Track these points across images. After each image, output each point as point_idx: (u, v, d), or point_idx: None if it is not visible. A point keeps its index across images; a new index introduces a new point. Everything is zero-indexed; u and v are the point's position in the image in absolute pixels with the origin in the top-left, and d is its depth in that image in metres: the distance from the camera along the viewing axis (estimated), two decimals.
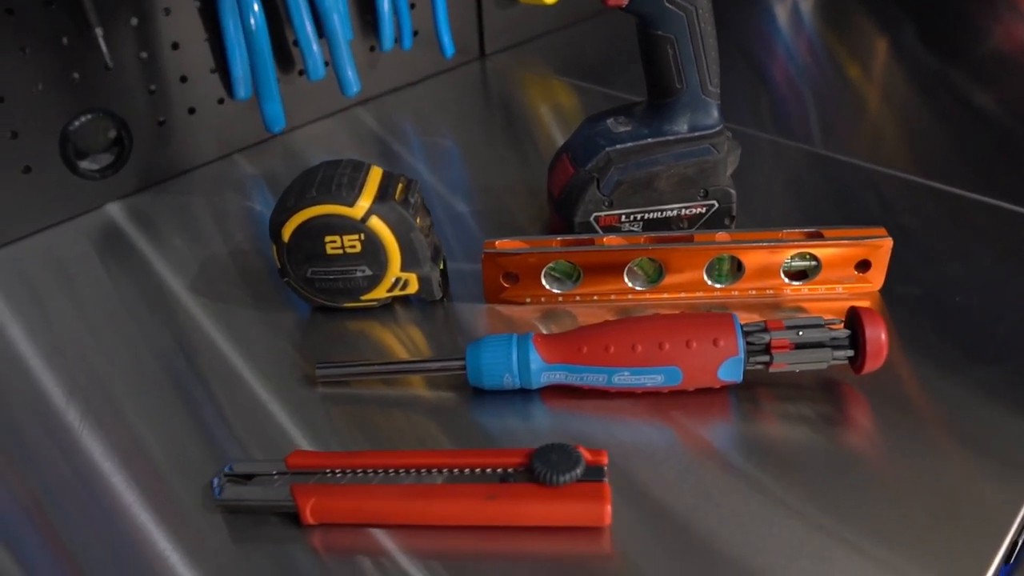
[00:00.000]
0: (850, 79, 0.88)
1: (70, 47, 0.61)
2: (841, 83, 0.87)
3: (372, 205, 0.48)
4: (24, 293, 0.57)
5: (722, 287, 0.53)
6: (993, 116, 0.80)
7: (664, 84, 0.53)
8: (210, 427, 0.46)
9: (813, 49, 0.97)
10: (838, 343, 0.45)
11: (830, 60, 0.93)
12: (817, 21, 1.03)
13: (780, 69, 0.91)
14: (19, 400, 0.48)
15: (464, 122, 0.80)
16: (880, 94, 0.85)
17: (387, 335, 0.52)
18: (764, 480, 0.42)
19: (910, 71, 0.90)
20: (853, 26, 1.01)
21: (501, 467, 0.40)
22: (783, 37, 0.98)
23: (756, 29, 0.99)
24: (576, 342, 0.45)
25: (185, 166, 0.71)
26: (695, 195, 0.55)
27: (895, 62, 0.94)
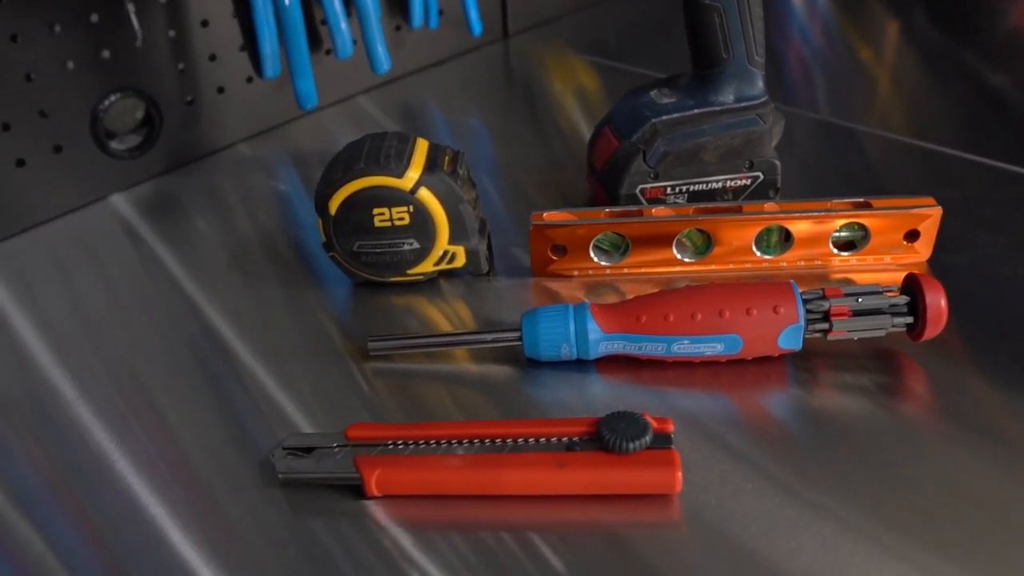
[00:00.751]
0: (862, 61, 0.88)
1: (100, 24, 0.60)
2: (853, 64, 0.86)
3: (421, 176, 0.47)
4: (55, 275, 0.57)
5: (770, 258, 0.52)
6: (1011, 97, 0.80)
7: (710, 54, 0.52)
8: (260, 403, 0.45)
9: (827, 31, 0.96)
10: (897, 310, 0.45)
11: (844, 42, 0.92)
12: (831, 4, 1.02)
13: (795, 51, 0.91)
14: (59, 381, 0.47)
15: (489, 102, 0.79)
16: (901, 71, 0.85)
17: (433, 310, 0.51)
18: (824, 450, 0.41)
19: (923, 50, 0.90)
20: (865, 9, 1.00)
21: (566, 436, 0.39)
22: (798, 20, 0.97)
23: (770, 10, 0.99)
24: (635, 311, 0.44)
25: (213, 146, 0.70)
26: (740, 166, 0.54)
27: (907, 44, 0.93)
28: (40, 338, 0.51)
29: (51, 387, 0.47)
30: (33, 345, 0.50)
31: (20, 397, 0.47)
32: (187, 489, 0.40)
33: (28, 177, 0.60)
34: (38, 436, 0.44)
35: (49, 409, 0.46)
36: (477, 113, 0.77)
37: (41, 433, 0.44)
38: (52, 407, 0.46)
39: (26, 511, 0.40)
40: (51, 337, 0.51)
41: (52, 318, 0.52)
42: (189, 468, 0.42)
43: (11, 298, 0.55)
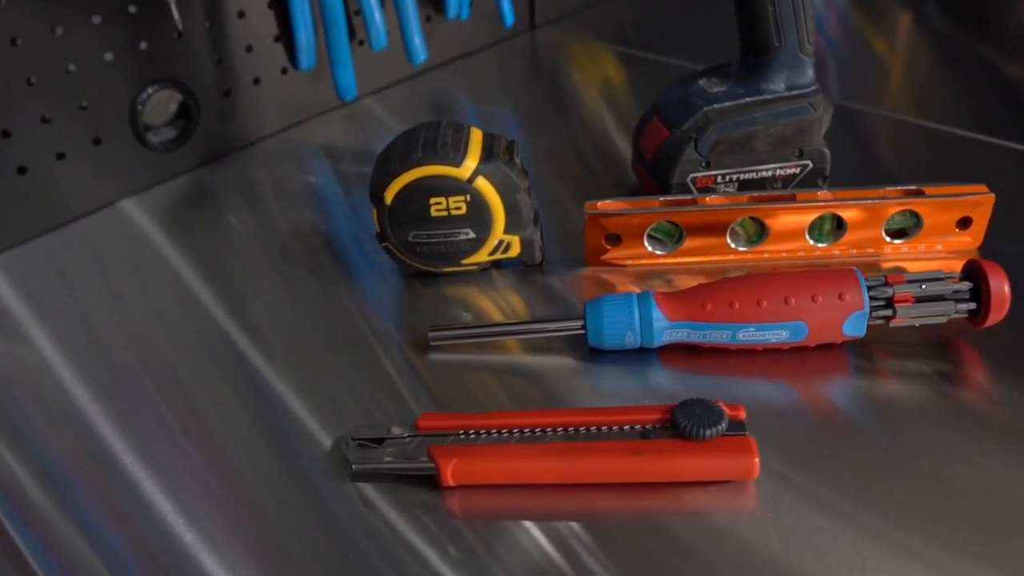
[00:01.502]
0: (881, 50, 0.88)
1: (138, 15, 0.60)
2: (874, 53, 0.86)
3: (479, 165, 0.47)
4: (95, 269, 0.56)
5: (823, 246, 0.52)
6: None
7: (761, 42, 0.52)
8: (316, 397, 0.45)
9: (844, 22, 0.96)
10: (960, 296, 0.45)
11: (859, 33, 0.92)
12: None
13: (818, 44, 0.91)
14: (99, 379, 0.47)
15: (519, 93, 0.79)
16: (933, 59, 0.84)
17: (485, 301, 0.51)
18: (889, 437, 0.41)
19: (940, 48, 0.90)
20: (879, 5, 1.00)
21: (640, 423, 0.39)
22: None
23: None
24: (699, 299, 0.44)
25: (249, 138, 0.70)
26: (790, 155, 0.54)
27: (923, 39, 0.93)
28: (81, 334, 0.51)
29: (92, 385, 0.46)
30: (74, 341, 0.50)
31: (59, 395, 0.46)
32: (254, 488, 0.40)
33: (68, 170, 0.60)
34: (79, 434, 0.43)
35: (84, 409, 0.45)
36: (507, 103, 0.77)
37: (78, 431, 0.44)
38: (88, 406, 0.45)
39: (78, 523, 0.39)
40: (92, 333, 0.51)
41: (93, 313, 0.52)
42: (251, 464, 0.41)
43: (52, 293, 0.54)
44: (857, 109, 0.71)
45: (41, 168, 0.59)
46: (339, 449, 0.41)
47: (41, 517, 0.39)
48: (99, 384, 0.47)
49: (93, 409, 0.45)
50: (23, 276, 0.56)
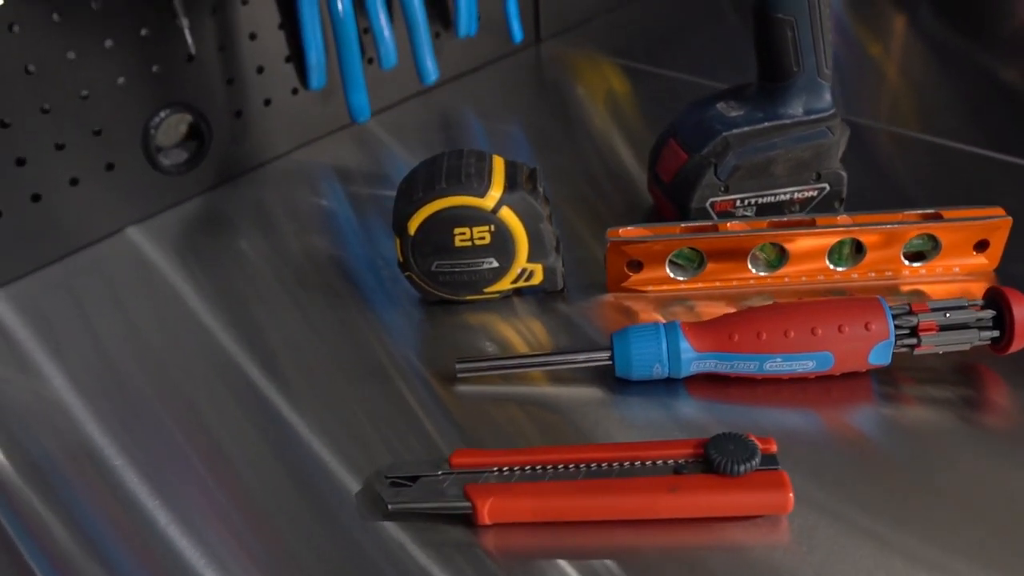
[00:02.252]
0: (873, 57, 0.88)
1: (150, 39, 0.60)
2: (869, 61, 0.87)
3: (503, 195, 0.47)
4: (109, 298, 0.56)
5: (842, 270, 0.52)
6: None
7: (780, 67, 0.52)
8: (345, 431, 0.45)
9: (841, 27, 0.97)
10: (983, 324, 0.45)
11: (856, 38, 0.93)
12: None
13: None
14: (116, 413, 0.47)
15: (527, 109, 0.79)
16: (933, 72, 0.85)
17: (508, 329, 0.51)
18: (917, 465, 0.42)
19: (935, 52, 0.90)
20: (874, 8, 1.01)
21: (673, 458, 0.39)
22: None
23: None
24: (726, 329, 0.44)
25: (261, 159, 0.69)
26: (808, 178, 0.54)
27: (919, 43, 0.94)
28: (97, 367, 0.50)
29: (110, 422, 0.46)
30: (90, 374, 0.50)
31: (77, 432, 0.46)
32: (280, 528, 0.40)
33: (82, 196, 0.60)
34: (101, 474, 0.43)
35: (103, 448, 0.45)
36: (515, 121, 0.77)
37: (99, 471, 0.43)
38: (108, 445, 0.45)
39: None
40: (108, 366, 0.50)
41: (108, 345, 0.52)
42: (278, 505, 0.41)
43: (66, 324, 0.54)
44: (859, 123, 0.72)
45: (55, 195, 0.58)
46: (371, 487, 0.41)
47: (64, 559, 0.39)
48: (118, 421, 0.46)
49: (113, 449, 0.45)
50: (37, 306, 0.56)
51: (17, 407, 0.48)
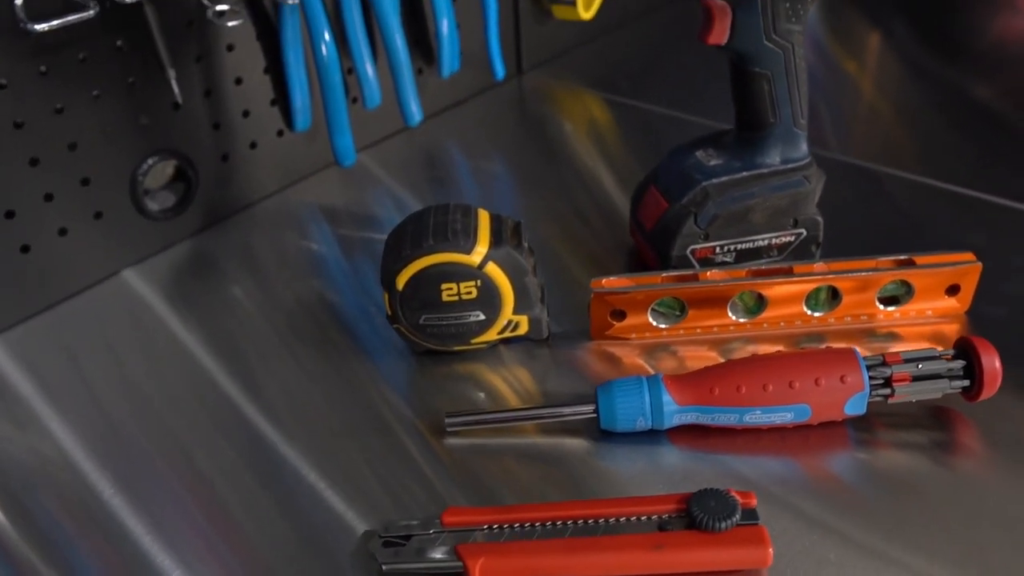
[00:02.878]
0: (849, 73, 0.90)
1: (138, 89, 0.60)
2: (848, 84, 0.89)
3: (488, 251, 0.48)
4: (103, 346, 0.57)
5: (819, 315, 0.54)
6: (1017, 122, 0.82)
7: (757, 118, 0.54)
8: (342, 483, 0.46)
9: (818, 46, 0.99)
10: (954, 373, 0.47)
11: (832, 56, 0.95)
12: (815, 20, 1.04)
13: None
14: (108, 466, 0.48)
15: (509, 144, 0.80)
16: (894, 98, 0.87)
17: (496, 378, 0.52)
18: (896, 510, 0.43)
19: (909, 69, 0.93)
20: (851, 23, 1.03)
21: (657, 514, 0.41)
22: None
23: None
24: (707, 383, 0.46)
25: (247, 200, 0.70)
26: (786, 224, 0.56)
27: (897, 61, 0.96)
28: (95, 420, 0.51)
29: (110, 476, 0.47)
30: (88, 427, 0.50)
31: (68, 479, 0.47)
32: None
33: (70, 245, 0.60)
34: (103, 529, 0.44)
35: (91, 502, 0.46)
36: (498, 157, 0.78)
37: (102, 525, 0.44)
38: (111, 499, 0.46)
39: None
40: (106, 418, 0.51)
41: (104, 396, 0.53)
42: (279, 557, 0.42)
43: (61, 374, 0.55)
44: (836, 158, 0.73)
45: (44, 245, 0.59)
46: (366, 546, 0.42)
47: None
48: (118, 475, 0.47)
49: (116, 502, 0.46)
50: (29, 355, 0.56)
51: (14, 461, 0.48)
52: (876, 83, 0.94)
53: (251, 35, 0.66)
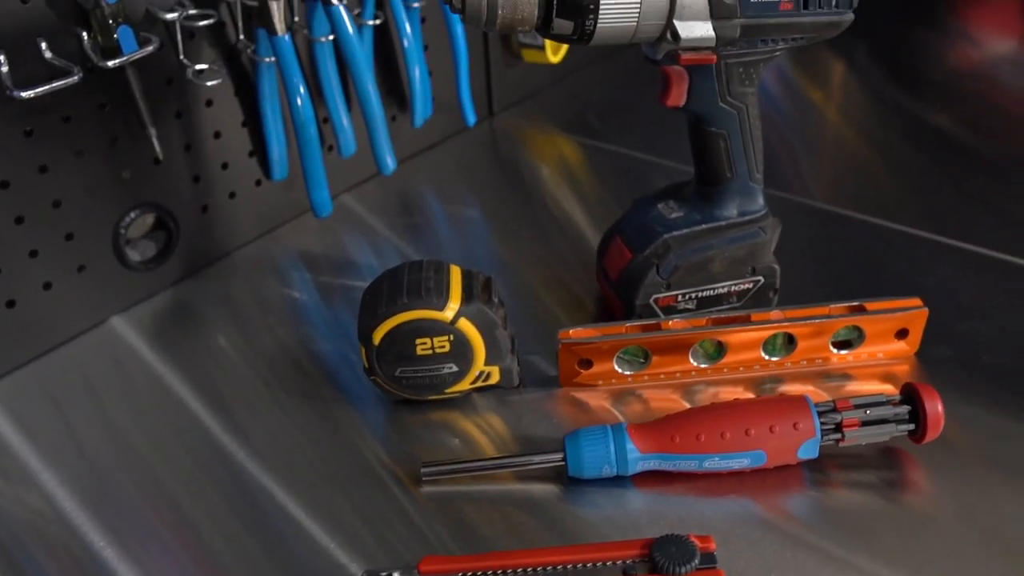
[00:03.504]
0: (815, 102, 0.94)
1: (120, 145, 0.62)
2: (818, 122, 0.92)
3: (460, 307, 0.51)
4: (89, 396, 0.58)
5: (776, 360, 0.57)
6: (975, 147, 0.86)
7: (715, 174, 0.57)
8: (323, 534, 0.48)
9: (787, 86, 1.03)
10: (900, 418, 0.49)
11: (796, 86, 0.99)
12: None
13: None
14: (96, 517, 0.49)
15: (483, 187, 0.83)
16: (857, 126, 0.91)
17: (469, 425, 0.55)
18: (849, 549, 0.46)
19: (872, 98, 0.97)
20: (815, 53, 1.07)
21: (621, 559, 0.43)
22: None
23: None
24: (668, 432, 0.48)
25: (226, 249, 0.72)
26: (744, 273, 0.59)
27: (856, 88, 1.00)
28: (83, 471, 0.53)
29: (101, 529, 0.49)
30: (77, 479, 0.52)
31: (55, 532, 0.49)
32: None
33: (54, 298, 0.62)
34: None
35: (81, 554, 0.47)
36: (472, 201, 0.80)
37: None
38: (84, 551, 0.47)
39: None
40: (94, 469, 0.53)
41: (92, 447, 0.54)
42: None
43: (48, 426, 0.56)
44: (793, 199, 0.77)
45: (29, 299, 0.61)
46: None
47: None
48: (107, 526, 0.49)
49: (107, 554, 0.47)
50: (16, 407, 0.58)
51: (3, 514, 0.50)
52: (840, 111, 0.98)
53: (229, 91, 0.68)
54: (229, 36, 0.66)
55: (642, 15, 0.48)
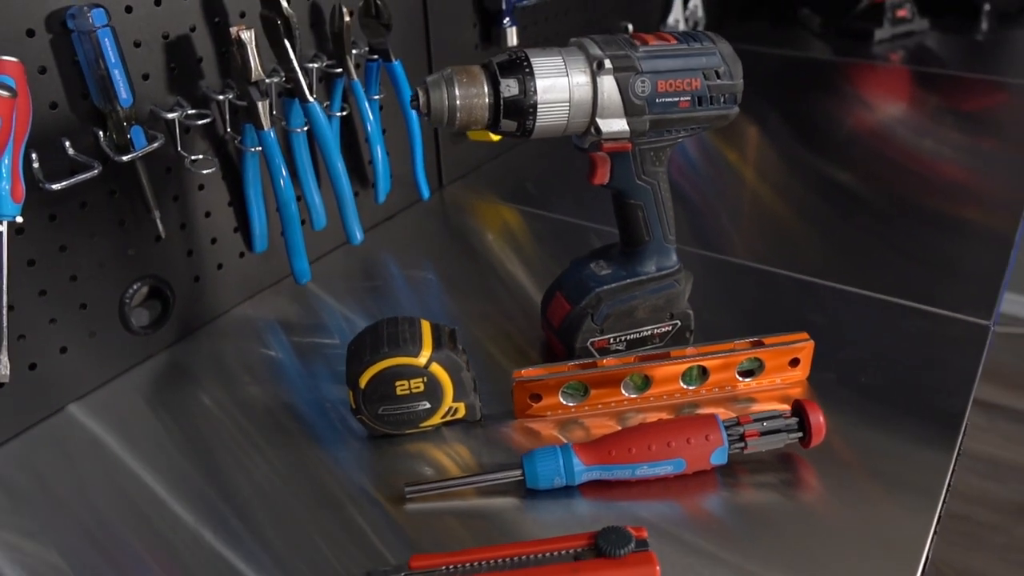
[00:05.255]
0: (732, 163, 1.09)
1: (127, 226, 0.72)
2: (728, 168, 1.07)
3: (432, 354, 0.62)
4: (92, 452, 0.66)
5: (692, 388, 0.69)
6: (871, 199, 1.01)
7: (635, 237, 0.69)
8: (322, 544, 0.58)
9: (706, 151, 1.17)
10: (791, 428, 0.62)
11: (715, 150, 1.14)
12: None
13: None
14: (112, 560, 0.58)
15: (436, 252, 0.94)
16: (763, 181, 1.05)
17: (440, 454, 0.65)
18: (753, 535, 0.57)
19: (783, 158, 1.12)
20: (736, 129, 1.22)
21: (573, 547, 0.54)
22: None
23: None
24: (606, 447, 0.59)
25: (214, 313, 0.82)
26: (664, 318, 0.71)
27: (768, 149, 1.15)
28: (88, 522, 0.61)
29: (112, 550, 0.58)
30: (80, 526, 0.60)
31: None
32: None
33: (68, 361, 0.71)
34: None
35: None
36: (428, 264, 0.91)
37: None
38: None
39: None
40: (98, 522, 0.61)
41: (96, 501, 0.62)
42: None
43: (57, 478, 0.64)
44: (699, 253, 0.90)
45: (47, 362, 0.69)
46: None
47: None
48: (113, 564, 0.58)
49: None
50: (33, 462, 0.66)
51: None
52: (755, 169, 1.12)
53: (218, 176, 0.78)
54: (217, 130, 0.77)
55: (571, 115, 0.61)
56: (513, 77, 0.59)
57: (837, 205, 1.01)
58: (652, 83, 0.62)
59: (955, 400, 0.69)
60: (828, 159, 1.14)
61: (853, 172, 1.10)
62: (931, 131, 1.24)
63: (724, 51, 0.64)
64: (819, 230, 0.97)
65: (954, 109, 1.30)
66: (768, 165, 1.12)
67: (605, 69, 0.60)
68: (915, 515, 0.59)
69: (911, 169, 1.11)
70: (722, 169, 1.12)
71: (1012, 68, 1.48)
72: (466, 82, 0.59)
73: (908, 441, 0.65)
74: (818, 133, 1.23)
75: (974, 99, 1.34)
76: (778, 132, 1.26)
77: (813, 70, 1.49)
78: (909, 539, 0.57)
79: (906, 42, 1.57)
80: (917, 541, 0.57)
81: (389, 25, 0.84)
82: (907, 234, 0.95)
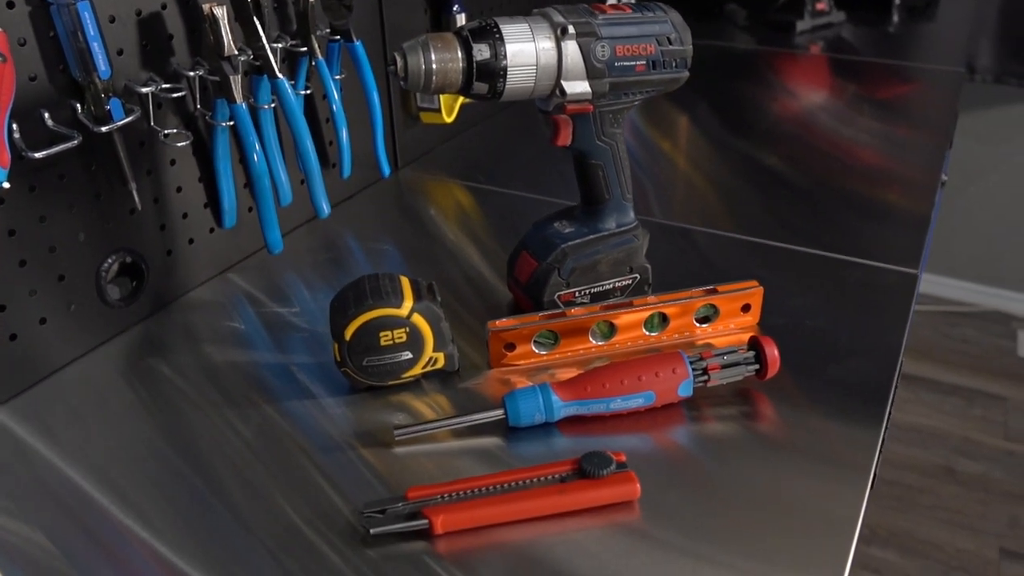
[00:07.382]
0: (665, 151, 1.15)
1: (103, 199, 0.74)
2: (664, 159, 1.13)
3: (414, 305, 0.65)
4: (73, 423, 0.68)
5: (655, 335, 0.74)
6: (797, 181, 1.08)
7: (596, 195, 0.74)
8: (317, 479, 0.61)
9: (641, 138, 1.23)
10: (748, 361, 0.67)
11: (650, 138, 1.19)
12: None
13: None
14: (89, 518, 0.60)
15: (395, 229, 0.97)
16: (702, 169, 1.12)
17: (421, 404, 0.68)
18: (717, 461, 0.62)
19: (713, 144, 1.18)
20: (663, 110, 1.28)
21: (559, 473, 0.58)
22: None
23: None
24: (582, 384, 0.64)
25: (187, 288, 0.84)
26: (624, 271, 0.76)
27: (699, 137, 1.22)
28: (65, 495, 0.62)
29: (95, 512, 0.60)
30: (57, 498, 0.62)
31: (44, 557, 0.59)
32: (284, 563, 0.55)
33: (48, 333, 0.72)
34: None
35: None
36: (386, 239, 0.94)
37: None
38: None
39: None
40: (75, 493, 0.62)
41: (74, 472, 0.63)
42: (277, 554, 0.56)
43: (63, 433, 0.66)
44: (650, 220, 0.95)
45: (27, 333, 0.70)
46: (352, 521, 0.56)
47: None
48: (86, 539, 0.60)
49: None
50: (17, 430, 0.67)
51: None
52: (687, 157, 1.18)
53: (188, 151, 0.80)
54: (188, 106, 0.79)
55: (538, 78, 0.65)
56: (484, 42, 0.63)
57: (764, 189, 1.07)
58: (611, 48, 0.67)
59: (891, 338, 0.75)
60: (754, 143, 1.21)
61: (778, 156, 1.17)
62: (849, 117, 1.32)
63: (675, 19, 0.70)
64: (751, 202, 1.03)
65: (869, 97, 1.39)
66: (698, 151, 1.18)
67: (569, 34, 0.65)
68: (862, 431, 0.64)
69: (831, 153, 1.18)
70: (656, 156, 1.17)
71: (920, 56, 1.58)
72: (441, 47, 0.63)
73: (852, 372, 0.71)
74: (745, 119, 1.30)
75: (887, 87, 1.44)
76: (707, 119, 1.33)
77: (739, 60, 1.57)
78: (856, 451, 0.63)
79: (825, 33, 1.66)
80: (866, 453, 0.63)
81: (350, 6, 0.87)
82: (829, 214, 1.01)
